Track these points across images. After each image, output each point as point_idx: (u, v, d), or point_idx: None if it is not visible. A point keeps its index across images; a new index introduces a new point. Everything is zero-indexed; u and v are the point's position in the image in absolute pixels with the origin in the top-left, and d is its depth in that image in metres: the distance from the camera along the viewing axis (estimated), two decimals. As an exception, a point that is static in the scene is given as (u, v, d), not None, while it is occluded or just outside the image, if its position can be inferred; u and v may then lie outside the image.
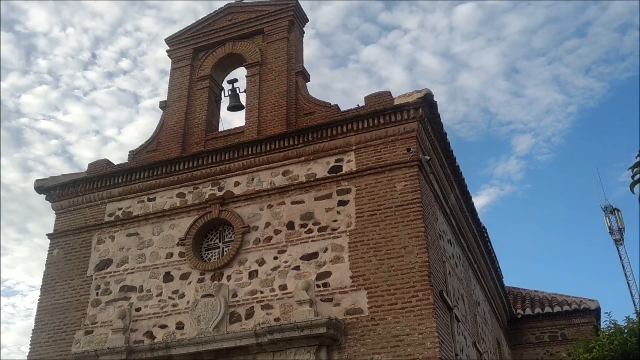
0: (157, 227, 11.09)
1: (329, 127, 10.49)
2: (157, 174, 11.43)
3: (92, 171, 12.05)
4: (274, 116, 11.27)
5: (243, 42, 12.39)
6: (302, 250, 9.82)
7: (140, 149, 12.17)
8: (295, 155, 10.62)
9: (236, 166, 10.94)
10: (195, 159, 11.20)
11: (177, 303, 10.22)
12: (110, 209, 11.67)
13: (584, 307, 17.99)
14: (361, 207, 9.79)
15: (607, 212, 40.22)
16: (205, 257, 10.73)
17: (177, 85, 12.54)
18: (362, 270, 9.25)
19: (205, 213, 10.81)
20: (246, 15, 12.49)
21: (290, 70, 11.69)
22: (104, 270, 11.10)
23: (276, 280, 9.75)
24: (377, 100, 10.46)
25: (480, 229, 14.63)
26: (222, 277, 10.13)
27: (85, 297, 10.97)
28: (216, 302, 9.87)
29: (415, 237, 9.17)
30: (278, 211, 10.32)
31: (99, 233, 11.52)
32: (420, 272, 8.87)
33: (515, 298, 19.99)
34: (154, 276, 10.65)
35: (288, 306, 9.41)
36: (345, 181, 10.13)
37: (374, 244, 9.39)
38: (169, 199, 11.26)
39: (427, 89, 10.06)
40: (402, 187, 9.68)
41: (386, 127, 10.19)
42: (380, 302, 8.89)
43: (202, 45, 12.73)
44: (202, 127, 11.88)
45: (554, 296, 19.25)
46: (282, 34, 12.03)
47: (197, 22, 12.86)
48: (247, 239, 10.30)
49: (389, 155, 10.07)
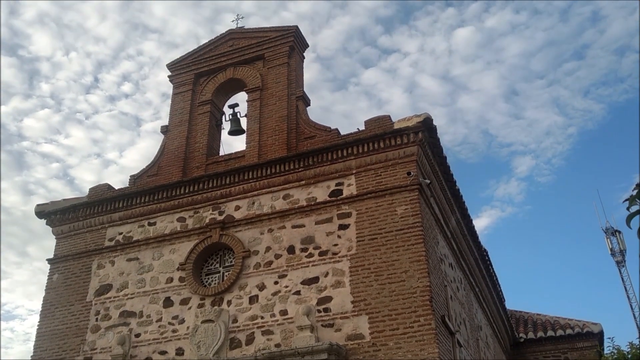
0: (158, 252, 11.06)
1: (330, 151, 10.53)
2: (158, 199, 11.43)
3: (92, 196, 12.05)
4: (275, 140, 11.31)
5: (244, 67, 12.50)
6: (303, 275, 9.78)
7: (141, 173, 12.20)
8: (295, 179, 10.64)
9: (237, 190, 10.95)
10: (196, 183, 11.22)
11: (177, 329, 10.15)
12: (110, 234, 11.65)
13: (587, 330, 17.82)
14: (362, 231, 9.77)
15: (609, 233, 40.11)
16: (206, 282, 10.68)
17: (178, 110, 12.62)
18: (363, 295, 9.20)
19: (205, 237, 10.79)
20: (247, 41, 12.62)
21: (291, 94, 11.77)
22: (103, 295, 11.04)
23: (277, 305, 9.69)
24: (377, 124, 10.51)
25: (482, 252, 14.58)
26: (223, 302, 10.07)
27: (84, 322, 10.89)
28: (216, 328, 9.79)
29: (417, 261, 9.14)
30: (279, 235, 10.31)
31: (99, 258, 11.49)
32: (421, 297, 8.83)
33: (517, 321, 19.83)
34: (154, 301, 10.59)
35: (289, 332, 9.34)
36: (345, 205, 10.13)
37: (375, 268, 9.36)
38: (170, 223, 11.25)
39: (427, 114, 10.12)
40: (402, 211, 9.68)
41: (386, 151, 10.23)
42: (381, 327, 8.83)
43: (203, 71, 12.84)
44: (203, 152, 11.93)
45: (557, 319, 19.09)
46: (282, 60, 12.14)
47: (199, 48, 12.99)
48: (247, 264, 10.26)
49: (389, 179, 10.08)
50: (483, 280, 15.12)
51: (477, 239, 13.85)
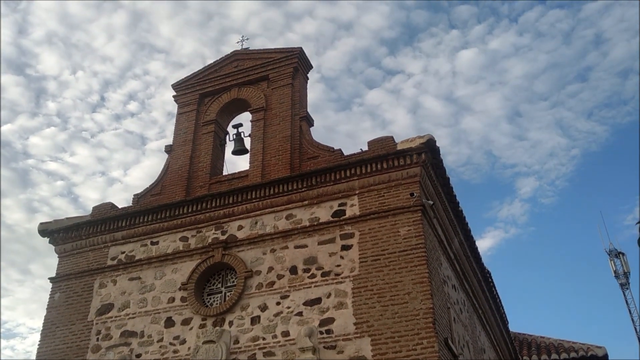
0: (160, 272, 11.03)
1: (333, 171, 10.55)
2: (161, 218, 11.44)
3: (96, 214, 12.07)
4: (278, 160, 11.35)
5: (248, 87, 12.59)
6: (305, 296, 9.73)
7: (145, 192, 12.23)
8: (298, 199, 10.64)
9: (240, 210, 10.96)
10: (199, 202, 11.23)
11: (178, 349, 10.08)
12: (113, 253, 11.64)
13: (591, 354, 17.62)
14: (365, 251, 9.74)
15: (612, 255, 39.91)
16: (207, 302, 10.63)
17: (182, 130, 12.69)
18: (365, 317, 9.14)
19: (208, 257, 10.76)
20: (251, 62, 12.73)
21: (295, 115, 11.84)
22: (105, 315, 11.00)
23: (279, 326, 9.63)
24: (380, 145, 10.55)
25: (485, 274, 14.51)
26: (224, 323, 10.02)
27: (85, 342, 10.83)
28: (217, 349, 9.73)
29: (420, 282, 9.10)
30: (281, 255, 10.28)
31: (101, 277, 11.46)
32: (424, 319, 8.77)
33: (521, 344, 19.63)
34: (155, 321, 10.54)
35: (290, 353, 9.27)
36: (348, 225, 10.12)
37: (377, 289, 9.31)
38: (172, 242, 11.24)
39: (430, 135, 10.15)
40: (405, 232, 9.66)
41: (389, 172, 10.24)
42: (384, 349, 8.76)
43: (208, 91, 12.93)
44: (206, 171, 11.96)
45: (561, 342, 18.89)
46: (286, 80, 12.23)
47: (204, 69, 13.11)
48: (249, 284, 10.23)
49: (392, 199, 10.08)
50: (486, 302, 15.02)
51: (480, 260, 13.79)
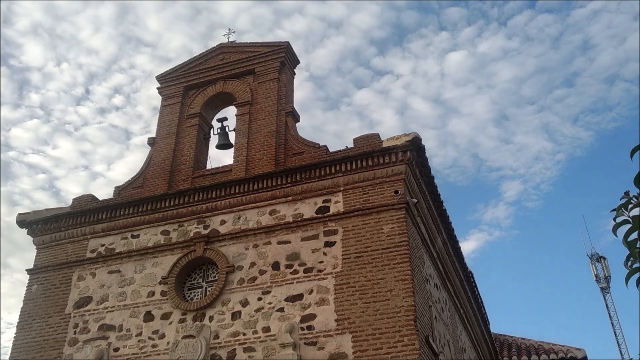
0: (140, 265, 10.89)
1: (318, 167, 10.48)
2: (142, 211, 11.29)
3: (76, 206, 11.89)
4: (263, 155, 11.26)
5: (234, 81, 12.48)
6: (287, 292, 9.65)
7: (127, 185, 12.06)
8: (282, 194, 10.56)
9: (223, 204, 10.84)
10: (182, 196, 11.10)
11: (157, 344, 9.95)
12: (92, 245, 11.46)
13: (570, 355, 17.76)
14: (348, 248, 9.69)
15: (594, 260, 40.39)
16: (188, 297, 10.51)
17: (166, 122, 12.53)
18: (347, 314, 9.09)
19: (189, 251, 10.64)
20: (238, 56, 12.61)
21: (280, 110, 11.75)
22: (83, 308, 10.82)
23: (259, 322, 9.54)
24: (366, 142, 10.50)
25: (467, 274, 14.53)
26: (204, 318, 9.91)
27: (62, 335, 10.65)
28: (197, 344, 9.61)
29: (402, 280, 9.06)
30: (264, 251, 10.19)
31: (80, 269, 11.29)
32: (406, 317, 8.73)
33: (501, 345, 19.73)
34: (134, 315, 10.39)
35: (271, 349, 9.19)
36: (332, 222, 10.06)
37: (360, 286, 9.26)
38: (153, 236, 11.09)
39: (415, 133, 10.13)
40: (389, 230, 9.62)
41: (374, 169, 10.20)
42: (365, 346, 8.71)
43: (192, 84, 12.79)
44: (189, 165, 11.83)
45: (541, 344, 19.01)
46: (273, 75, 12.14)
47: (189, 61, 12.96)
48: (231, 279, 10.13)
49: (376, 197, 10.04)
50: (468, 302, 15.05)
51: (463, 260, 13.81)
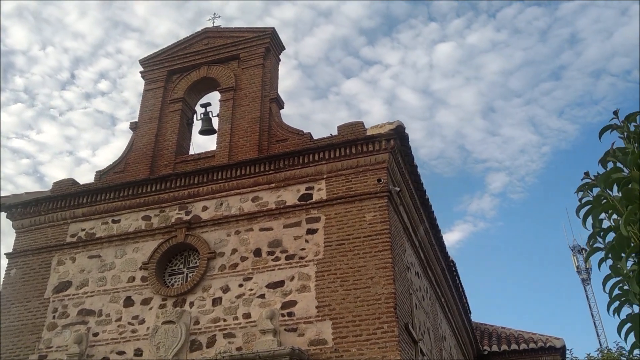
0: (120, 250, 10.81)
1: (301, 154, 10.45)
2: (123, 196, 11.19)
3: (56, 190, 11.75)
4: (246, 142, 11.19)
5: (218, 66, 12.36)
6: (269, 278, 9.64)
7: (108, 169, 11.95)
8: (265, 181, 10.52)
9: (205, 190, 10.78)
10: (163, 181, 11.02)
11: (137, 329, 9.91)
12: (72, 230, 11.36)
13: (549, 345, 18.01)
14: (330, 236, 9.69)
15: (575, 251, 40.88)
16: (169, 283, 10.46)
17: (148, 107, 12.40)
18: (328, 301, 9.11)
19: (170, 237, 10.58)
20: (222, 41, 12.49)
21: (265, 96, 11.67)
22: (62, 292, 10.74)
23: (240, 308, 9.54)
24: (350, 130, 10.48)
25: (449, 263, 14.62)
26: (185, 304, 9.87)
27: (41, 320, 10.57)
28: (177, 329, 9.59)
29: (383, 267, 9.09)
30: (245, 238, 10.16)
31: (59, 254, 11.18)
32: (386, 304, 8.77)
33: (482, 334, 19.93)
34: (114, 300, 10.33)
35: (251, 335, 9.19)
36: (315, 209, 10.04)
37: (341, 273, 9.28)
38: (134, 221, 11.01)
39: (399, 121, 10.12)
40: (371, 218, 9.63)
41: (358, 157, 10.19)
42: (345, 333, 8.74)
43: (176, 68, 12.66)
44: (172, 150, 11.73)
45: (521, 333, 19.25)
46: (257, 61, 12.04)
47: (173, 45, 12.82)
48: (212, 265, 10.09)
49: (359, 185, 10.04)
50: (449, 291, 15.16)
51: (445, 249, 13.89)
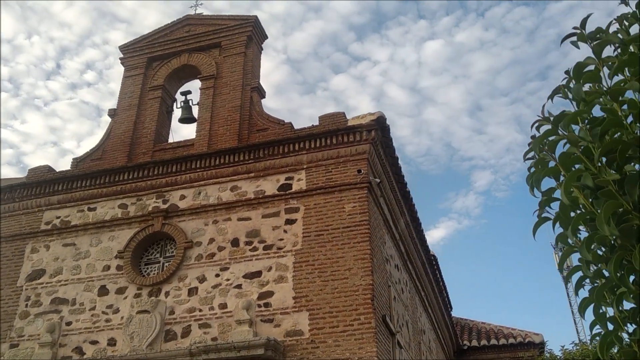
0: (96, 238, 10.62)
1: (281, 144, 10.32)
2: (100, 183, 11.00)
3: (31, 177, 11.53)
4: (226, 130, 11.04)
5: (199, 54, 12.18)
6: (246, 269, 9.53)
7: (85, 156, 11.74)
8: (245, 171, 10.39)
9: (183, 179, 10.62)
10: (141, 169, 10.84)
11: (111, 318, 9.74)
12: (47, 217, 11.14)
13: (528, 340, 18.12)
14: (309, 226, 9.59)
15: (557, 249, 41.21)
16: (144, 272, 10.30)
17: (127, 94, 12.20)
18: (305, 291, 9.01)
19: (147, 226, 10.41)
20: (204, 28, 12.32)
21: (246, 85, 11.52)
22: (35, 280, 10.54)
23: (216, 298, 9.41)
24: (331, 120, 10.38)
25: (429, 257, 14.59)
26: (160, 293, 9.73)
27: (13, 308, 10.36)
28: (152, 319, 9.44)
29: (361, 259, 9.01)
30: (223, 227, 10.03)
31: (33, 241, 10.97)
32: (363, 295, 8.69)
33: (462, 329, 19.99)
34: (88, 289, 10.16)
35: (227, 326, 9.07)
36: (294, 200, 9.94)
37: (319, 264, 9.19)
38: (111, 209, 10.82)
39: (380, 112, 10.04)
40: (350, 209, 9.54)
41: (338, 148, 10.09)
42: (321, 324, 8.65)
43: (156, 55, 12.46)
44: (150, 138, 11.55)
45: (500, 329, 19.34)
46: (239, 49, 11.88)
47: (154, 32, 12.61)
48: (189, 255, 9.95)
49: (339, 175, 9.94)
50: (429, 285, 15.13)
51: (426, 243, 13.85)
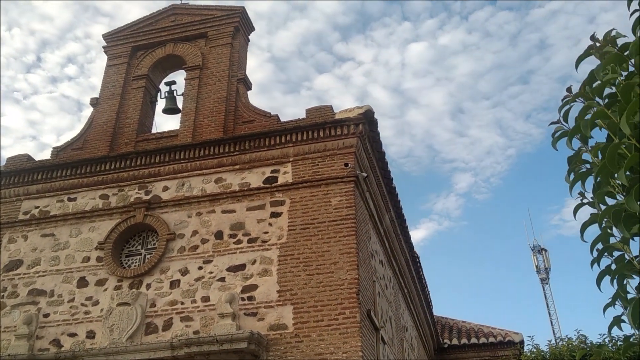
0: (76, 229, 10.38)
1: (267, 136, 10.19)
2: (81, 173, 10.76)
3: (9, 165, 11.24)
4: (211, 121, 10.87)
5: (185, 44, 11.99)
6: (229, 262, 9.38)
7: (65, 146, 11.48)
8: (230, 162, 10.24)
9: (166, 170, 10.43)
10: (123, 159, 10.63)
11: (90, 310, 9.52)
12: (26, 207, 10.87)
13: (508, 339, 18.21)
14: (294, 220, 9.48)
15: (535, 251, 41.71)
16: (126, 264, 10.10)
17: (110, 83, 11.96)
18: (289, 285, 8.90)
19: (128, 217, 10.21)
20: (190, 18, 12.13)
21: (232, 76, 11.37)
22: (12, 271, 10.27)
23: (199, 291, 9.25)
24: (319, 113, 10.27)
25: (413, 254, 14.56)
26: (141, 286, 9.53)
27: (-12, 299, 10.08)
28: (132, 312, 9.24)
29: (347, 253, 8.92)
30: (207, 219, 9.87)
31: (11, 232, 10.70)
32: (348, 289, 8.60)
33: (443, 327, 20.04)
34: (67, 281, 9.92)
35: (209, 319, 8.92)
36: (279, 193, 9.81)
37: (304, 258, 9.08)
38: (91, 200, 10.59)
39: (368, 106, 9.97)
40: (337, 202, 9.45)
41: (325, 141, 9.99)
42: (306, 318, 8.55)
43: (141, 44, 12.23)
44: (133, 128, 11.33)
45: (481, 327, 19.42)
46: (225, 40, 11.72)
47: (138, 20, 12.39)
48: (171, 247, 9.77)
49: (326, 169, 9.84)
50: (412, 282, 15.11)
51: (410, 240, 13.82)
